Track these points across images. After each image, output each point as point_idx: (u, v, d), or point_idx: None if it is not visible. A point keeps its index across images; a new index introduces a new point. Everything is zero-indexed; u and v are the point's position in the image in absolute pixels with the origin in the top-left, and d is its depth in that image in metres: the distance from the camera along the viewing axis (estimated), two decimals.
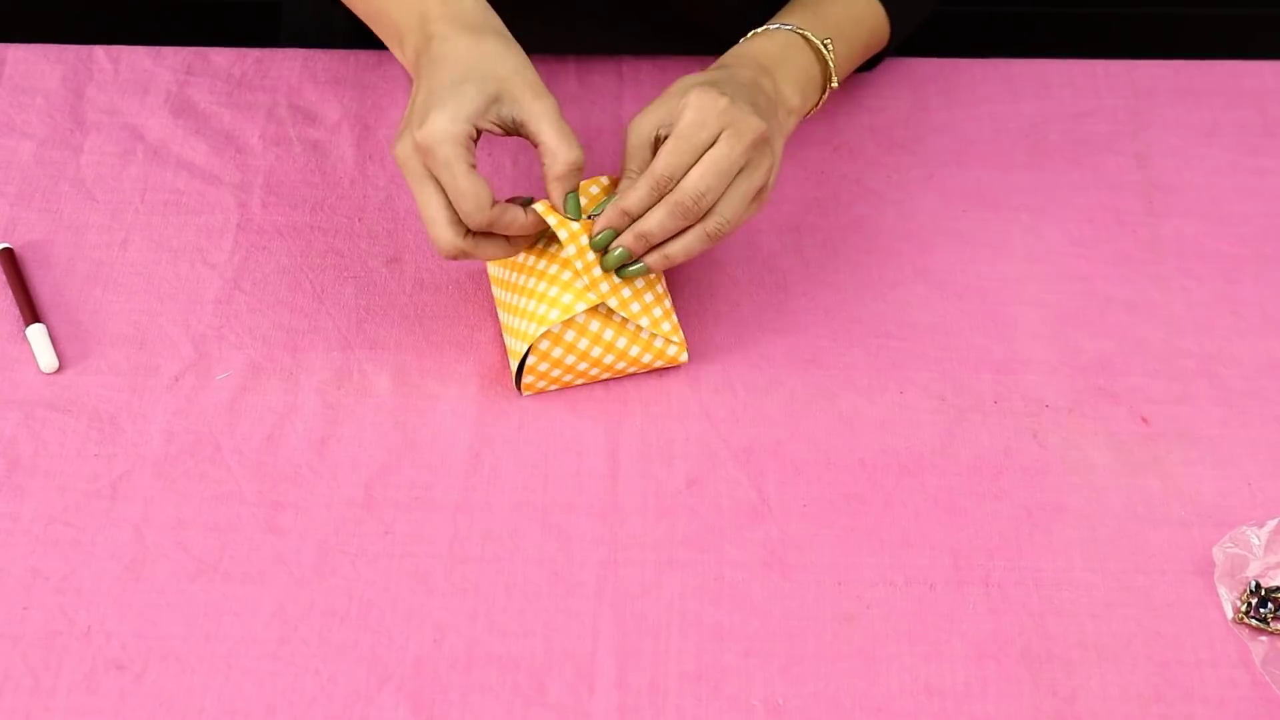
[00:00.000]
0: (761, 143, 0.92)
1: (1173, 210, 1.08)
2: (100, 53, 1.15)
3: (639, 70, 1.16)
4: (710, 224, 0.92)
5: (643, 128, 0.94)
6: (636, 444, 0.95)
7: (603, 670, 0.86)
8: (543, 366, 0.95)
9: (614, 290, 0.93)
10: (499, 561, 0.90)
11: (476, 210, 0.89)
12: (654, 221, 0.91)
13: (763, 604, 0.88)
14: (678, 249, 0.92)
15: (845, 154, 1.11)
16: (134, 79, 1.14)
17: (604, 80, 1.15)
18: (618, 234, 0.92)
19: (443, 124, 0.88)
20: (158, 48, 1.16)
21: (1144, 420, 0.96)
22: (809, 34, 1.00)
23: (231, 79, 1.14)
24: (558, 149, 0.91)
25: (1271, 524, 0.90)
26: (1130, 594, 0.89)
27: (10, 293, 1.01)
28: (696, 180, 0.90)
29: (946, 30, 1.30)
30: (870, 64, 1.12)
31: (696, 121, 0.90)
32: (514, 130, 0.93)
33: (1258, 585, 0.87)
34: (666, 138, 0.92)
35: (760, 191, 0.94)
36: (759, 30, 1.01)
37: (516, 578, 0.89)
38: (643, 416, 0.96)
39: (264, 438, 0.94)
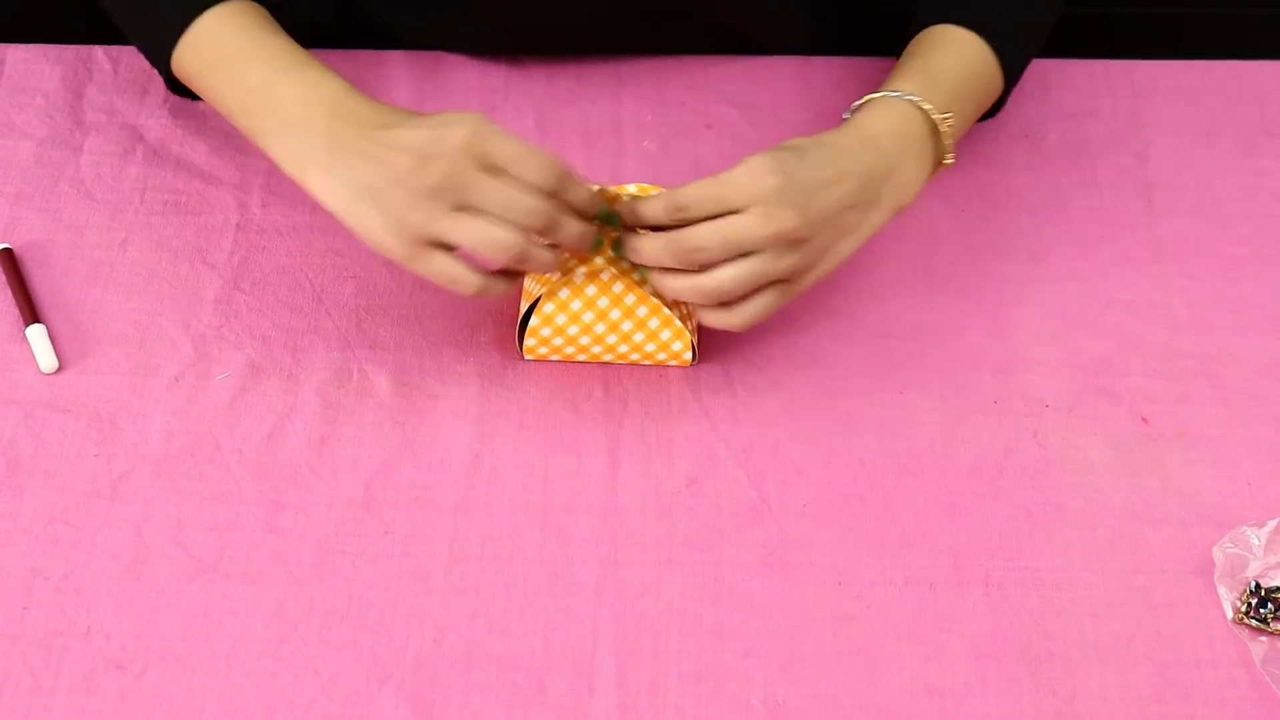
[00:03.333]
0: (791, 242, 0.89)
1: (1173, 210, 1.08)
2: (100, 53, 1.15)
3: (639, 70, 1.15)
4: (705, 282, 0.90)
5: (706, 201, 0.90)
6: (636, 444, 0.95)
7: (602, 670, 0.86)
8: (544, 331, 0.94)
9: (625, 274, 0.93)
10: (499, 561, 0.90)
11: (550, 171, 0.86)
12: (647, 245, 0.90)
13: (762, 604, 0.88)
14: (663, 282, 0.91)
15: None
16: (134, 79, 1.14)
17: (604, 80, 1.15)
18: (617, 217, 0.91)
19: (487, 129, 0.86)
20: None
21: (1144, 420, 0.96)
22: (927, 106, 0.95)
23: None
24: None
25: (1271, 524, 0.90)
26: (1130, 594, 0.89)
27: (10, 293, 1.01)
28: (701, 233, 0.88)
29: None
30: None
31: (737, 183, 0.88)
32: None
33: (1258, 585, 0.87)
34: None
35: (786, 284, 0.92)
36: (874, 98, 0.96)
37: (516, 578, 0.89)
38: (643, 416, 0.96)
39: (264, 438, 0.94)
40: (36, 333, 0.98)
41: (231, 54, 0.95)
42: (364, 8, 1.18)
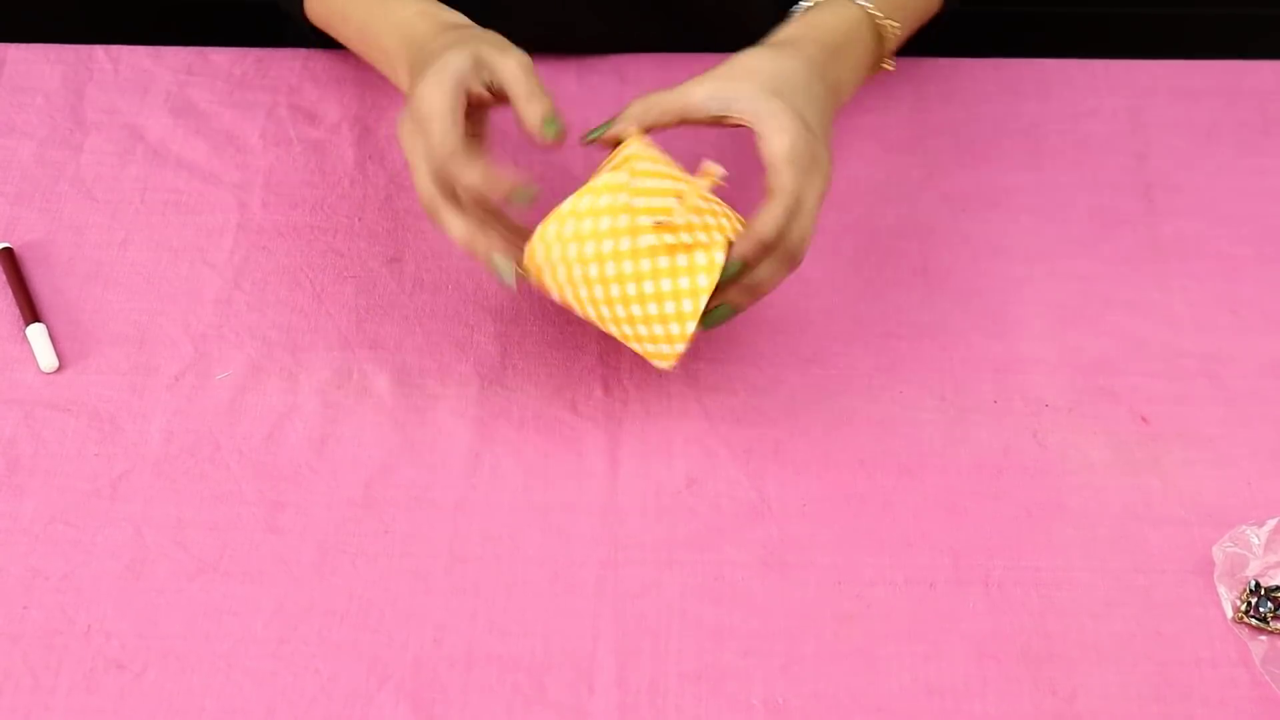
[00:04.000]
0: (826, 181, 0.92)
1: (1173, 210, 1.08)
2: (100, 53, 1.16)
3: (639, 70, 1.15)
4: (801, 254, 0.91)
5: (697, 97, 0.92)
6: (636, 444, 0.95)
7: (602, 670, 0.86)
8: (550, 232, 0.88)
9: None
10: (499, 561, 0.90)
11: (441, 145, 0.89)
12: (766, 274, 0.90)
13: (763, 604, 0.88)
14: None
15: (845, 154, 1.10)
16: (134, 79, 1.14)
17: (604, 80, 1.15)
18: (747, 264, 0.89)
19: (428, 90, 0.89)
20: (158, 48, 1.16)
21: (1144, 420, 0.96)
22: (878, 16, 0.99)
23: (231, 79, 1.14)
24: (526, 107, 0.92)
25: (1271, 523, 0.90)
26: (1130, 593, 0.89)
27: (10, 293, 1.01)
28: (802, 234, 0.90)
29: (947, 30, 1.29)
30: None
31: (803, 148, 0.89)
32: (498, 93, 0.93)
33: (1257, 584, 0.88)
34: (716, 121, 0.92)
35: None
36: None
37: (516, 578, 0.89)
38: (643, 416, 0.96)
39: (264, 437, 0.95)
40: (37, 332, 0.98)
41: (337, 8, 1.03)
42: None
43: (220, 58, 1.16)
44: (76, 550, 0.90)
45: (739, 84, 0.92)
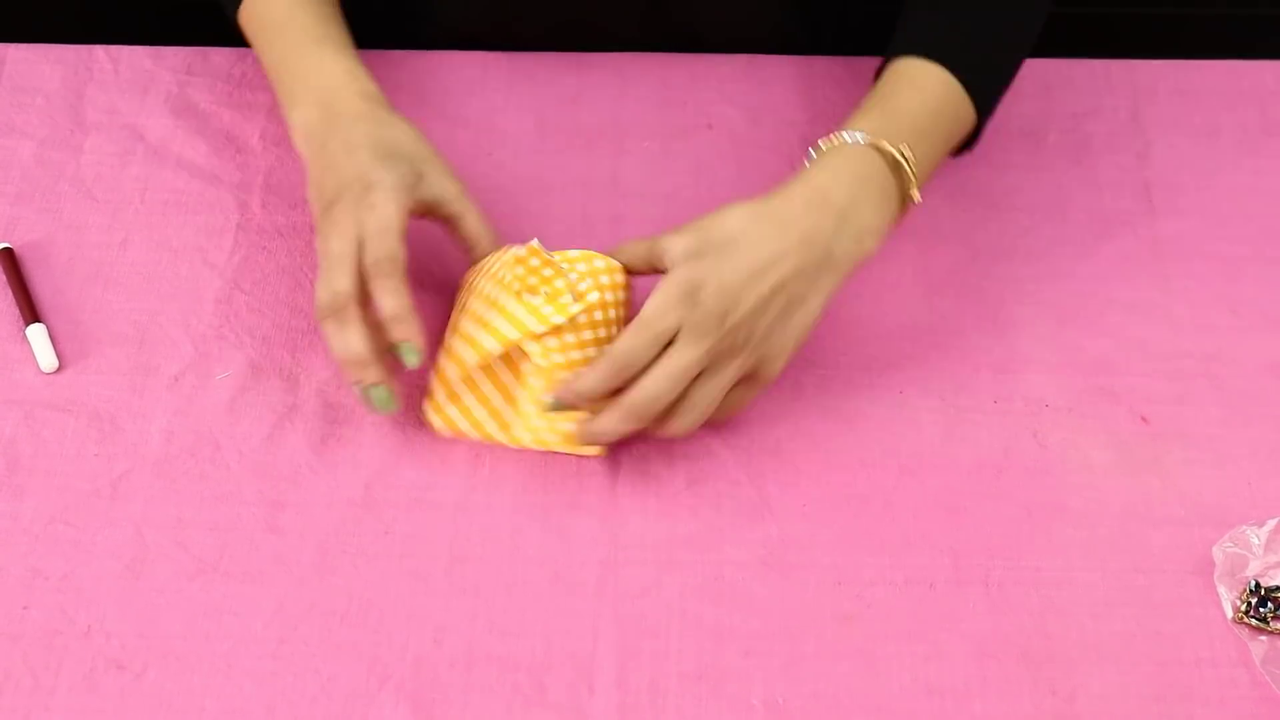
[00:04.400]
0: (725, 351, 0.88)
1: (1173, 210, 1.08)
2: (100, 53, 1.16)
3: (639, 70, 1.15)
4: (672, 426, 0.89)
5: (638, 251, 0.93)
6: (637, 444, 0.95)
7: (603, 670, 0.86)
8: (440, 394, 0.93)
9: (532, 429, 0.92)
10: (499, 561, 0.90)
11: (390, 259, 0.89)
12: (605, 424, 0.88)
13: (763, 604, 0.88)
14: (608, 427, 0.89)
15: None
16: (134, 79, 1.14)
17: (604, 80, 1.15)
18: (561, 408, 0.90)
19: (384, 200, 0.90)
20: (158, 48, 1.16)
21: (1144, 420, 0.96)
22: (883, 144, 0.93)
23: (232, 79, 1.14)
24: (480, 237, 0.95)
25: (1271, 524, 0.90)
26: (1130, 593, 0.89)
27: (10, 293, 1.01)
28: (649, 384, 0.87)
29: None
30: (960, 148, 1.03)
31: (656, 313, 0.86)
32: (425, 211, 0.95)
33: (1257, 585, 0.88)
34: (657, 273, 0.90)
35: (751, 378, 0.91)
36: (831, 145, 0.94)
37: (516, 578, 0.89)
38: None
39: (264, 438, 0.95)
40: (37, 332, 0.98)
41: (267, 23, 1.02)
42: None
43: (220, 58, 1.16)
44: (76, 550, 0.90)
45: (677, 240, 0.89)
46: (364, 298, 0.90)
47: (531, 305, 0.90)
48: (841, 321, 1.01)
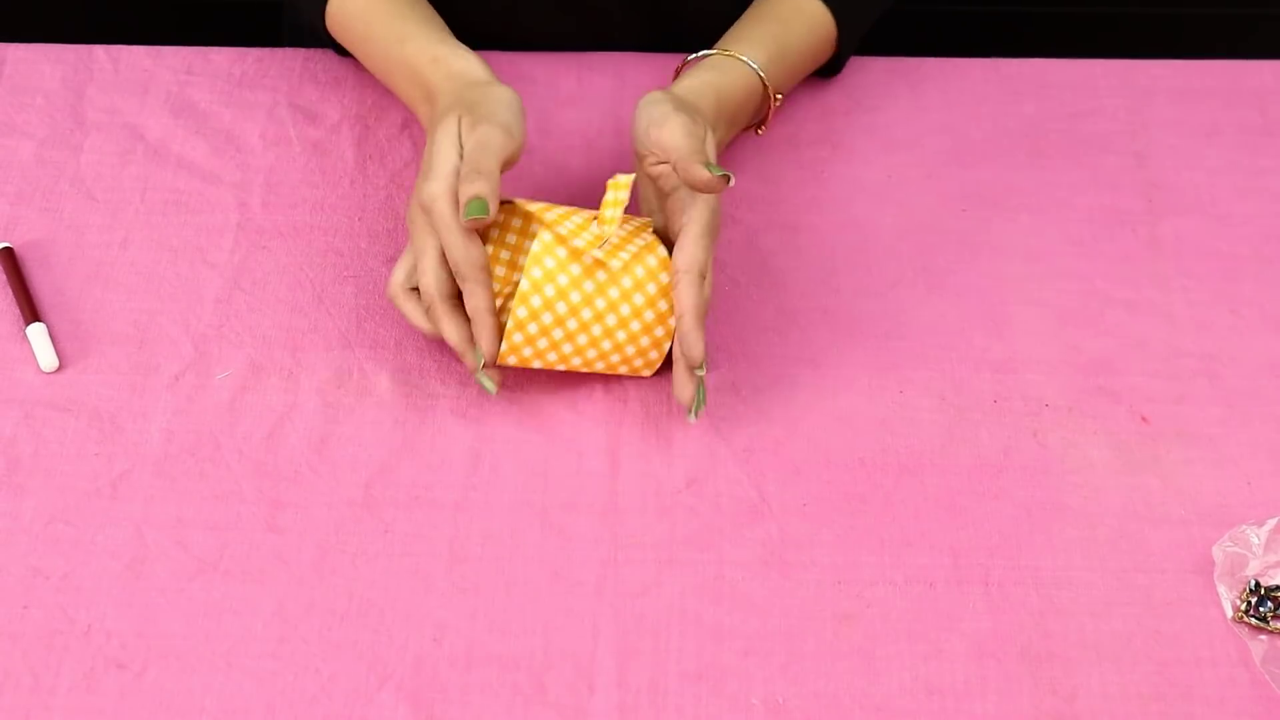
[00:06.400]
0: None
1: (1173, 210, 1.08)
2: (100, 52, 1.16)
3: (639, 70, 1.16)
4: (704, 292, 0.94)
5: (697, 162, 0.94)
6: (636, 444, 0.95)
7: (603, 670, 0.86)
8: (521, 312, 0.91)
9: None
10: (499, 561, 0.90)
11: (465, 260, 0.90)
12: (698, 349, 0.91)
13: (763, 603, 0.88)
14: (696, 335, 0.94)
15: (844, 154, 1.11)
16: (134, 79, 1.14)
17: (604, 80, 1.15)
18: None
19: (438, 184, 0.91)
20: (158, 47, 1.16)
21: (1144, 420, 0.96)
22: (749, 61, 1.03)
23: (231, 79, 1.14)
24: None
25: (1271, 523, 0.90)
26: (1130, 593, 0.89)
27: (10, 292, 1.01)
28: (708, 289, 0.92)
29: (947, 30, 1.30)
30: (833, 67, 1.13)
31: (711, 213, 0.92)
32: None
33: (1257, 584, 0.88)
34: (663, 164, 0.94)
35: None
36: (695, 57, 1.04)
37: (516, 577, 0.89)
38: (643, 416, 0.96)
39: (264, 437, 0.95)
40: (37, 332, 0.98)
41: (363, 26, 1.06)
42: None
43: (220, 58, 1.16)
44: (76, 550, 0.90)
45: (668, 118, 0.95)
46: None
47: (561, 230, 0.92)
48: (841, 321, 1.01)
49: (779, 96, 1.06)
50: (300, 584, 0.88)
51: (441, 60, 1.00)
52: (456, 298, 0.93)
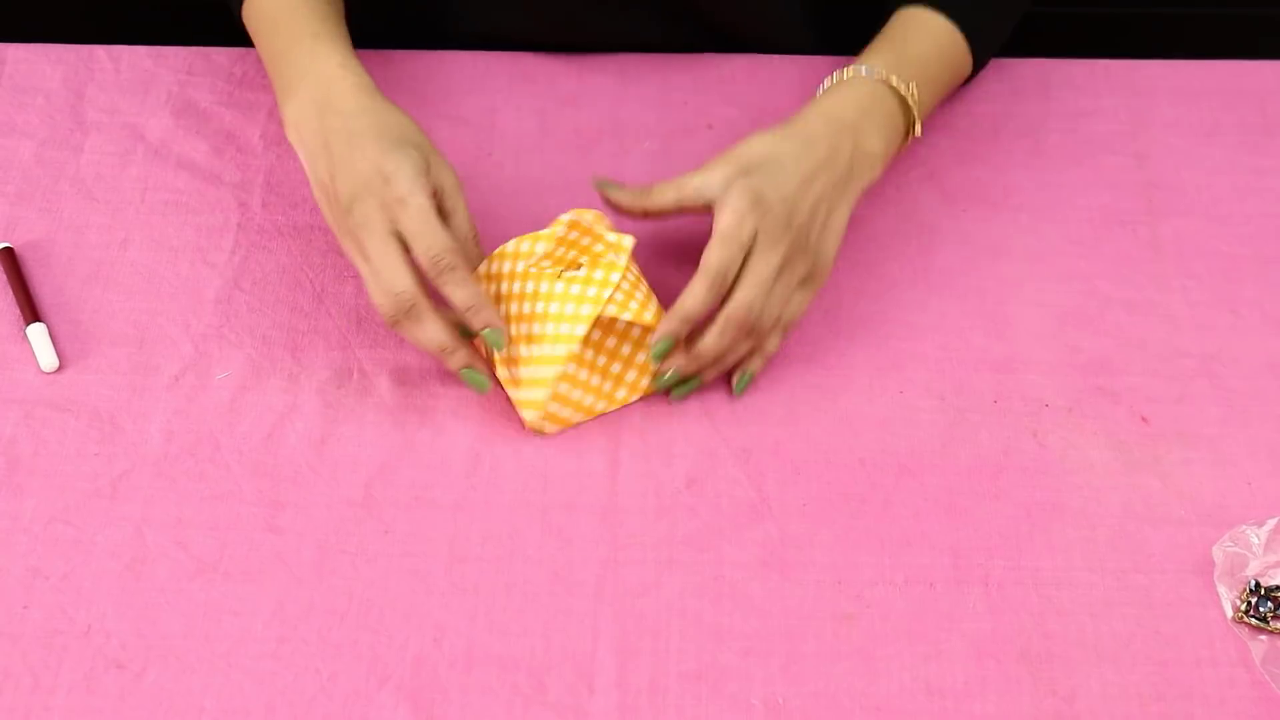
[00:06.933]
0: (795, 248, 0.94)
1: (1173, 210, 1.08)
2: (101, 52, 1.16)
3: (640, 70, 1.16)
4: (770, 345, 0.96)
5: (689, 187, 0.95)
6: (636, 444, 0.95)
7: (603, 670, 0.86)
8: (553, 407, 0.94)
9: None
10: (499, 561, 0.90)
11: (445, 247, 0.89)
12: (709, 342, 0.93)
13: (762, 603, 0.88)
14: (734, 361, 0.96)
15: None
16: (135, 79, 1.14)
17: (604, 80, 1.15)
18: (676, 340, 0.93)
19: (410, 178, 0.90)
20: (159, 47, 1.16)
21: (1144, 420, 0.96)
22: (893, 80, 1.01)
23: (232, 79, 1.14)
24: (467, 238, 0.94)
25: (1271, 523, 0.90)
26: (1130, 593, 0.89)
27: (10, 292, 1.01)
28: (743, 294, 0.92)
29: None
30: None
31: (735, 222, 0.91)
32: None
33: (1257, 584, 0.88)
34: (711, 229, 0.93)
35: (807, 279, 0.96)
36: (842, 78, 1.01)
37: (516, 578, 0.89)
38: (643, 416, 0.96)
39: (264, 437, 0.95)
40: (37, 332, 0.98)
41: (266, 18, 1.02)
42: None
43: (221, 58, 1.16)
44: (76, 550, 0.90)
45: (714, 170, 0.95)
46: (424, 286, 0.92)
47: (585, 278, 0.92)
48: (841, 321, 1.01)
49: (914, 89, 1.02)
50: (300, 584, 0.88)
51: (350, 68, 0.98)
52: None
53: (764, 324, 0.94)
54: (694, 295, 0.92)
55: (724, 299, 0.93)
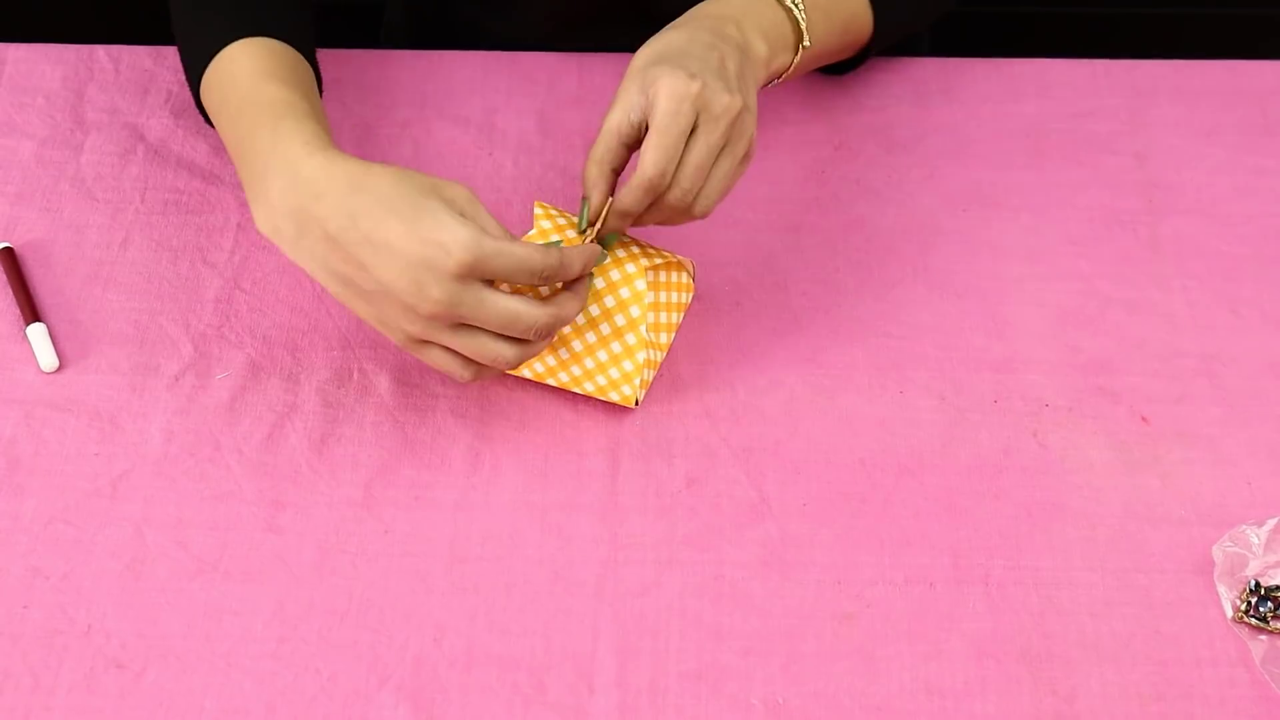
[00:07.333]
0: (737, 118, 0.90)
1: (1173, 210, 1.08)
2: (101, 53, 1.16)
3: None
4: (698, 209, 0.91)
5: (614, 120, 0.91)
6: (636, 444, 0.95)
7: (602, 670, 0.86)
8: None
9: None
10: (499, 561, 0.90)
11: (544, 264, 0.85)
12: (646, 218, 0.92)
13: (762, 603, 0.88)
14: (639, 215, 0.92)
15: (845, 154, 1.11)
16: (135, 79, 1.14)
17: (604, 80, 1.15)
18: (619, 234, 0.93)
19: (462, 231, 0.83)
20: (159, 47, 1.16)
21: (1144, 420, 0.96)
22: (797, 12, 0.98)
23: None
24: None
25: (1271, 523, 0.90)
26: (1130, 593, 0.89)
27: (10, 292, 1.01)
28: (685, 180, 0.89)
29: (947, 30, 1.29)
30: (853, 62, 1.10)
31: (671, 111, 0.87)
32: None
33: (1257, 584, 0.88)
34: (645, 128, 0.89)
35: (744, 158, 0.93)
36: None
37: (516, 577, 0.89)
38: (643, 416, 0.96)
39: (264, 437, 0.95)
40: (37, 332, 0.98)
41: (231, 97, 0.95)
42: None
43: None
44: (76, 550, 0.90)
45: (629, 84, 0.90)
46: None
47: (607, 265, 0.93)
48: (841, 321, 1.01)
49: (807, 43, 0.99)
50: (300, 584, 0.88)
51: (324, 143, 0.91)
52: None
53: (701, 199, 0.91)
54: (632, 199, 0.89)
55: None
